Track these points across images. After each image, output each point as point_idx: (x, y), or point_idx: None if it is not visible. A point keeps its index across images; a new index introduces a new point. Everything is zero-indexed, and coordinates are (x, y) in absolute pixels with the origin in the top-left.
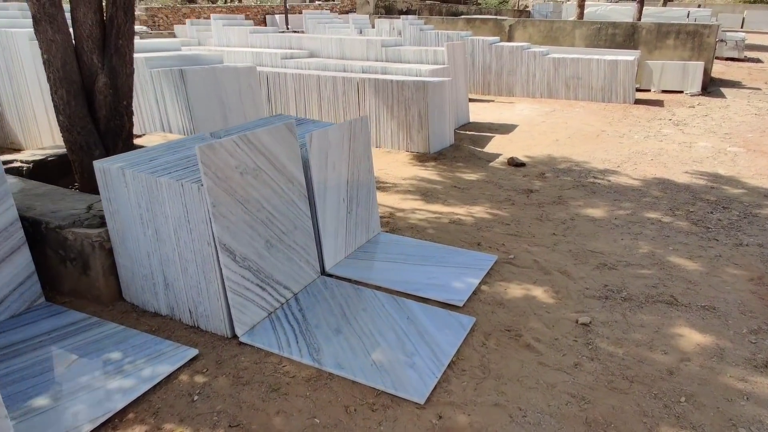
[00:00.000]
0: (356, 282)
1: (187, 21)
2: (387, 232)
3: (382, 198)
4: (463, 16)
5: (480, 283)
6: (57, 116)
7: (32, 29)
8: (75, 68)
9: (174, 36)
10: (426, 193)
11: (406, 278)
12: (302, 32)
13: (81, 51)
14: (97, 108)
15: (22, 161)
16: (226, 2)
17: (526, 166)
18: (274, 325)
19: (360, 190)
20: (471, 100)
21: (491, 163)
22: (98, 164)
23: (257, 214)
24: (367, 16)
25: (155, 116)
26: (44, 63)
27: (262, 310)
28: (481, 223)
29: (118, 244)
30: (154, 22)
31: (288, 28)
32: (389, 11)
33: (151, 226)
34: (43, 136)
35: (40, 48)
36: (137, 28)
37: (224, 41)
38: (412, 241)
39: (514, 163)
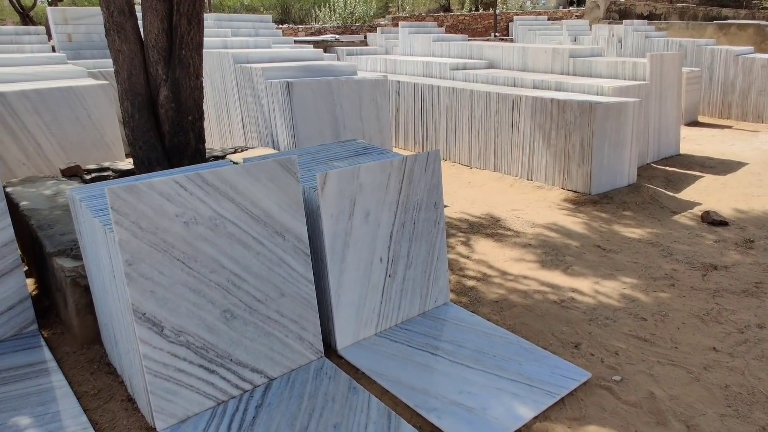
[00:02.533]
0: (362, 375)
1: (378, 29)
2: (461, 303)
3: (489, 250)
4: (715, 22)
5: (536, 418)
6: (124, 129)
7: None
8: (141, 80)
9: (365, 44)
10: (552, 250)
11: (430, 384)
12: (510, 40)
13: (148, 62)
14: (161, 122)
15: (113, 170)
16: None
17: (728, 226)
18: (208, 425)
19: (415, 246)
20: (698, 124)
21: (676, 216)
22: (71, 191)
23: (210, 276)
24: (587, 22)
25: (267, 130)
26: (114, 74)
27: (206, 399)
28: (602, 310)
29: (91, 282)
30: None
31: (495, 35)
32: (625, 16)
33: (100, 268)
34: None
35: (111, 58)
36: (328, 36)
37: (408, 49)
38: (481, 325)
39: (710, 220)
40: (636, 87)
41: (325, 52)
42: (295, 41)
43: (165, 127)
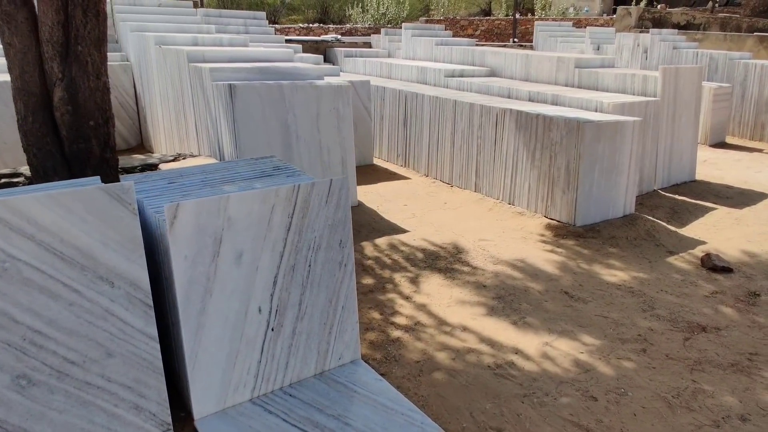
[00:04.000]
0: None
1: (382, 30)
2: (374, 360)
3: (435, 290)
4: (756, 34)
5: None
6: (19, 132)
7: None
8: (36, 78)
9: (369, 46)
10: (508, 295)
11: None
12: (531, 47)
13: (44, 58)
14: (59, 127)
15: (26, 176)
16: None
17: (732, 273)
18: None
19: (310, 293)
20: (725, 146)
21: (672, 257)
22: None
23: None
24: (613, 30)
25: (215, 137)
26: (8, 70)
27: None
28: (544, 382)
29: None
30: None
31: (514, 41)
32: (660, 25)
33: None
34: (166, 142)
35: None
36: (329, 37)
37: (410, 53)
38: (385, 394)
39: (711, 265)
40: (643, 104)
41: (324, 53)
42: (286, 40)
43: (63, 132)
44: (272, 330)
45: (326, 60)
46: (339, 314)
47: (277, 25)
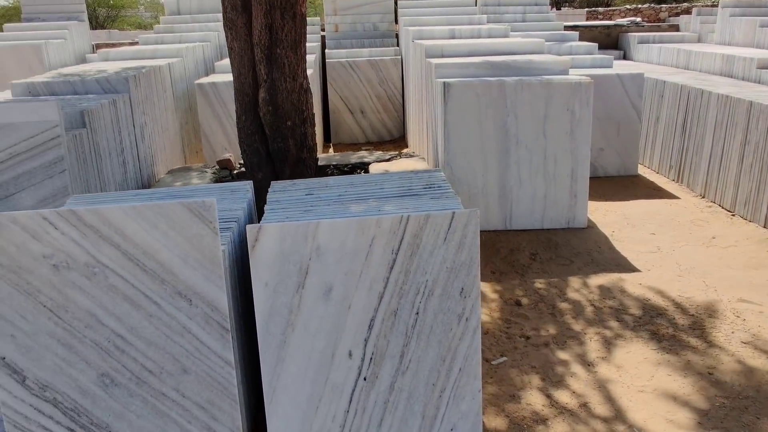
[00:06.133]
0: None
1: (694, 10)
2: None
3: (634, 363)
4: None
5: None
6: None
7: None
8: (249, 79)
9: (676, 29)
10: (746, 410)
11: None
12: None
13: (256, 61)
14: (264, 126)
15: None
16: None
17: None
18: None
19: (416, 346)
20: None
21: None
22: None
23: (85, 332)
24: None
25: (431, 138)
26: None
27: None
28: None
29: None
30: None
31: None
32: None
33: None
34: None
35: None
36: (625, 20)
37: (726, 37)
38: None
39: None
40: None
41: (617, 39)
42: (566, 27)
43: (267, 131)
44: (364, 379)
45: (617, 47)
46: (455, 377)
47: (599, 8)
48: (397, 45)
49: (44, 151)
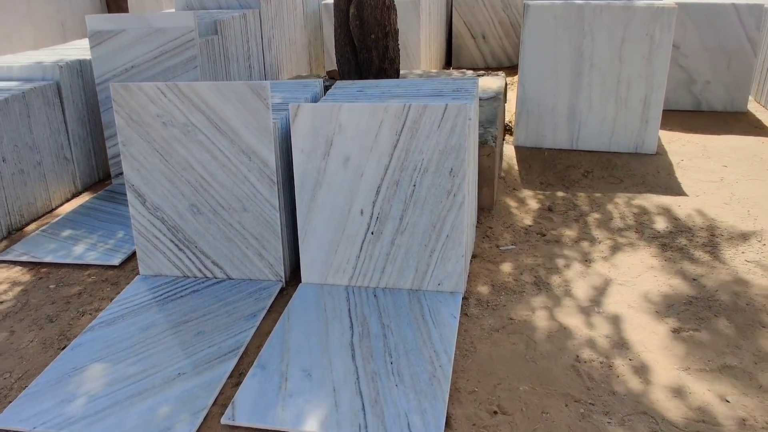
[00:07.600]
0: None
1: None
2: (478, 297)
3: (629, 265)
4: None
5: None
6: None
7: None
8: None
9: None
10: (716, 311)
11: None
12: None
13: None
14: (354, 38)
15: None
16: None
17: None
18: (167, 284)
19: (412, 212)
20: None
21: None
22: None
23: (182, 173)
24: None
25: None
26: None
27: (175, 268)
28: None
29: None
30: None
31: None
32: None
33: None
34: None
35: None
36: None
37: None
38: (441, 328)
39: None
40: None
41: None
42: None
43: (356, 43)
44: (372, 233)
45: None
46: (442, 242)
47: None
48: None
49: (183, 51)
